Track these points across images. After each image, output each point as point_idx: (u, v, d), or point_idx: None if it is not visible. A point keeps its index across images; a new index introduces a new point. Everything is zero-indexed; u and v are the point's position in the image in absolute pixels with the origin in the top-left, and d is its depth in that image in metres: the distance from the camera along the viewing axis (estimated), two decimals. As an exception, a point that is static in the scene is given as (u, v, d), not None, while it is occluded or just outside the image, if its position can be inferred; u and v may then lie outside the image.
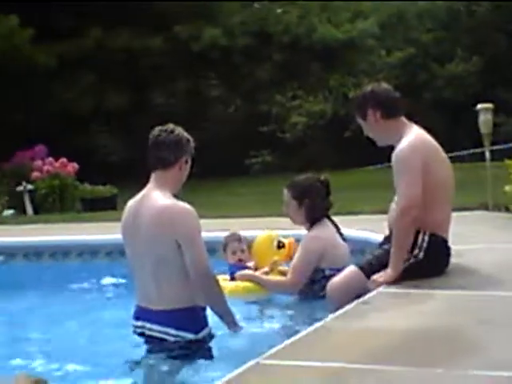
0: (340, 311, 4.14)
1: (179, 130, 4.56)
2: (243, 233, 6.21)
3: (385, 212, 5.24)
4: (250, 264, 5.97)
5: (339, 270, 5.18)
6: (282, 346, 3.48)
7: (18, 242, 9.76)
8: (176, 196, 4.54)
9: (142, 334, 4.48)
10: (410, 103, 22.26)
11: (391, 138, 4.82)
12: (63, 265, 8.98)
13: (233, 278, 5.84)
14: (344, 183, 19.44)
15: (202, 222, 4.62)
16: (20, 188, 15.34)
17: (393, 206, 4.90)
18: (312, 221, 5.64)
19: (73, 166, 15.55)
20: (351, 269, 4.94)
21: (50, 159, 15.70)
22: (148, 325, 4.42)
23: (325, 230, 5.63)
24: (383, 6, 32.30)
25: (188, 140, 4.56)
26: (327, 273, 5.44)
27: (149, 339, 4.45)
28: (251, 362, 3.20)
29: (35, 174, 15.40)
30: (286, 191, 5.71)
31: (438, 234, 4.78)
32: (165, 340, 4.37)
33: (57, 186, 15.09)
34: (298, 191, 5.65)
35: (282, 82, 28.68)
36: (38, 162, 15.69)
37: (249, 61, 26.10)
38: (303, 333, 3.72)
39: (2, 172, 16.19)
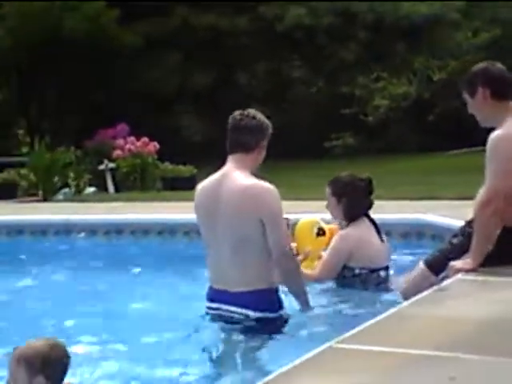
0: (416, 297, 4.05)
1: (260, 115, 4.59)
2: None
3: (468, 198, 5.11)
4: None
5: (372, 271, 5.25)
6: (356, 330, 3.41)
7: (100, 220, 9.92)
8: (256, 176, 4.54)
9: (217, 316, 4.47)
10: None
11: (495, 120, 4.54)
12: (143, 242, 9.10)
13: None
14: (426, 167, 19.21)
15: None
16: (102, 166, 15.56)
17: (480, 191, 4.75)
18: (349, 218, 5.61)
19: (154, 145, 15.68)
20: (420, 270, 4.82)
21: (132, 138, 15.86)
22: (225, 306, 4.43)
23: (359, 228, 5.57)
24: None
25: (267, 125, 4.59)
26: (357, 272, 5.43)
27: (225, 320, 4.44)
28: (325, 346, 3.15)
29: (117, 153, 15.60)
30: (327, 187, 5.71)
31: None
32: (243, 320, 4.38)
33: (138, 165, 15.26)
34: (337, 188, 5.64)
35: (366, 64, 28.35)
36: (120, 141, 15.88)
37: (332, 41, 25.85)
38: (377, 318, 3.63)
39: (85, 150, 16.45)
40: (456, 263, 4.52)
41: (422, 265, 4.85)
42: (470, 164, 19.09)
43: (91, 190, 15.14)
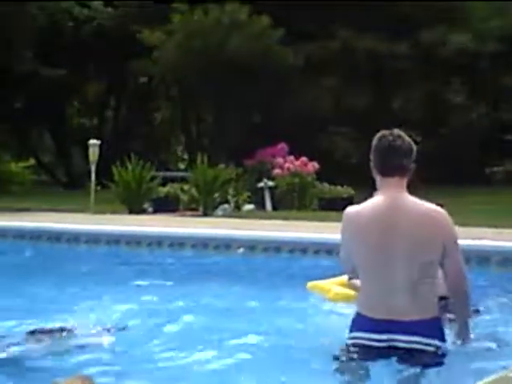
0: None
1: (408, 138, 4.44)
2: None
3: None
4: None
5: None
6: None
7: (258, 236, 10.07)
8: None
9: (385, 348, 4.26)
10: None
11: None
12: (302, 261, 9.13)
13: None
14: None
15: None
16: (261, 184, 15.79)
17: None
18: None
19: (313, 165, 15.78)
20: None
21: (291, 157, 16.04)
22: (398, 337, 4.23)
23: None
24: None
25: (414, 147, 4.46)
26: None
27: (397, 351, 4.24)
28: (501, 374, 3.09)
29: (276, 172, 15.80)
30: None
31: None
32: (420, 350, 4.22)
33: (297, 184, 15.40)
34: None
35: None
36: (280, 160, 16.07)
37: (496, 67, 25.25)
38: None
39: (245, 168, 16.72)
40: None
41: None
42: None
43: (250, 206, 15.39)
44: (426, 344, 4.23)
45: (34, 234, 10.92)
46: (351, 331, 4.40)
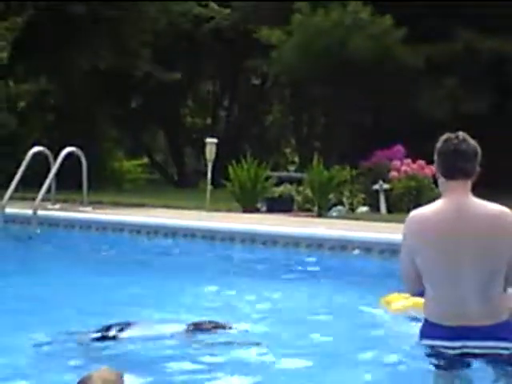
0: None
1: (473, 141, 4.40)
2: None
3: None
4: None
5: None
6: None
7: (374, 238, 9.94)
8: None
9: (458, 355, 4.20)
10: None
11: None
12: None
13: None
14: None
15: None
16: (376, 186, 15.59)
17: None
18: None
19: (431, 169, 15.46)
20: None
21: (408, 160, 15.78)
22: (472, 343, 4.17)
23: None
24: None
25: (480, 151, 4.42)
26: None
27: (472, 358, 4.19)
28: None
29: (393, 174, 15.58)
30: None
31: None
32: (501, 355, 4.16)
33: (413, 187, 15.12)
34: None
35: None
36: (396, 163, 15.84)
37: None
38: None
39: (360, 170, 16.56)
40: None
41: None
42: None
43: (364, 209, 15.23)
44: (502, 348, 4.18)
45: (151, 229, 11.06)
46: (421, 339, 4.35)
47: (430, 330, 4.32)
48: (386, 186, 15.42)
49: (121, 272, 8.24)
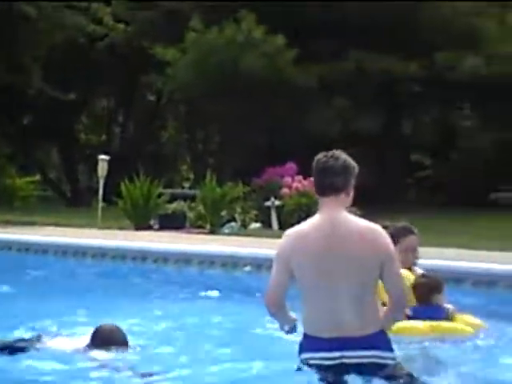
0: None
1: (345, 156, 4.53)
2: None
3: None
4: None
5: None
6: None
7: (264, 254, 10.02)
8: None
9: (337, 365, 4.31)
10: None
11: None
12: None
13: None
14: None
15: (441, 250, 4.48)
16: (268, 203, 15.74)
17: None
18: None
19: (321, 186, 15.74)
20: None
21: (299, 177, 15.99)
22: (349, 353, 4.30)
23: None
24: None
25: (354, 166, 4.53)
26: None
27: (353, 368, 4.31)
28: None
29: (284, 191, 15.76)
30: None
31: None
32: (378, 364, 4.31)
33: (304, 204, 15.32)
34: None
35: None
36: (288, 179, 16.03)
37: (508, 91, 25.15)
38: None
39: (253, 187, 16.69)
40: None
41: None
42: None
43: (256, 225, 15.35)
44: (378, 357, 4.33)
45: (40, 248, 10.90)
46: (301, 353, 4.44)
47: (308, 343, 4.42)
48: (277, 202, 15.59)
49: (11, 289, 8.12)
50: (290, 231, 4.52)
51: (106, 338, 5.04)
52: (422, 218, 12.06)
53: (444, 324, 5.73)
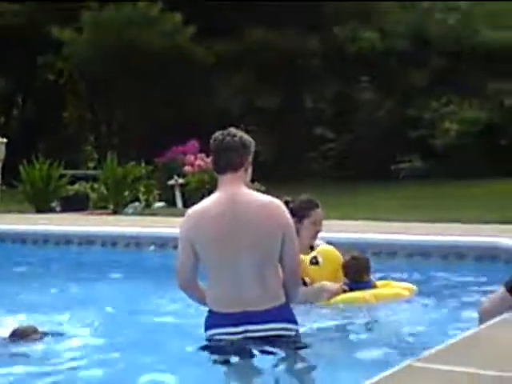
0: (496, 319, 3.99)
1: (241, 133, 4.63)
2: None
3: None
4: None
5: None
6: (436, 349, 3.38)
7: (168, 233, 10.01)
8: None
9: (242, 339, 4.38)
10: None
11: None
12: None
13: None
14: (498, 192, 18.93)
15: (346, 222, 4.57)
16: (171, 182, 15.69)
17: None
18: None
19: (224, 162, 15.77)
20: (499, 292, 4.75)
21: (202, 155, 15.98)
22: (253, 327, 4.37)
23: None
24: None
25: (250, 142, 4.63)
26: None
27: (255, 341, 4.38)
28: (403, 364, 3.12)
29: (187, 169, 15.74)
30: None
31: None
32: (278, 336, 4.39)
33: (207, 181, 15.34)
34: None
35: (438, 88, 28.07)
36: (190, 157, 16.01)
37: (404, 65, 25.67)
38: (458, 338, 3.60)
39: (155, 166, 16.62)
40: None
41: (501, 287, 4.77)
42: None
43: (160, 204, 15.29)
44: (282, 329, 4.41)
45: None
46: (206, 330, 4.50)
47: (213, 319, 4.47)
48: (180, 180, 15.56)
49: None
50: (190, 210, 4.59)
51: (20, 333, 4.98)
52: (325, 191, 12.23)
53: (384, 291, 6.00)
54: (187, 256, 4.50)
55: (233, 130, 4.65)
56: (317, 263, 5.93)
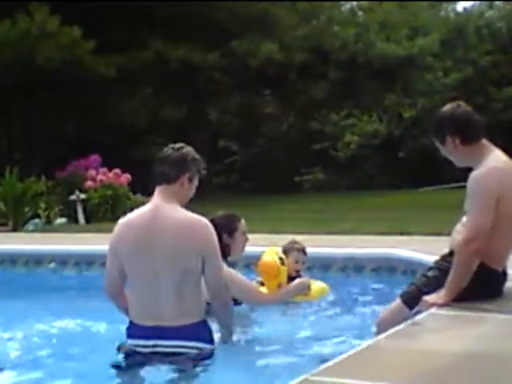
0: (391, 331, 4.08)
1: (187, 149, 4.65)
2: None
3: (438, 234, 5.16)
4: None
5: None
6: (332, 362, 3.43)
7: (70, 250, 9.86)
8: (187, 209, 4.60)
9: (151, 353, 4.42)
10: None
11: (471, 161, 4.63)
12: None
13: None
14: (397, 203, 19.36)
15: (253, 236, 4.61)
16: (73, 197, 15.46)
17: (457, 227, 4.77)
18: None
19: (126, 177, 15.64)
20: (395, 303, 4.86)
21: (104, 169, 15.83)
22: (164, 342, 4.40)
23: None
24: (441, 23, 31.87)
25: (194, 159, 4.63)
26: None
27: (163, 356, 4.40)
28: (300, 378, 3.16)
29: (88, 184, 15.53)
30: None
31: (493, 267, 4.62)
32: (181, 353, 4.39)
33: (109, 196, 15.18)
34: None
35: (337, 101, 28.56)
36: (92, 172, 15.82)
37: (304, 78, 26.00)
38: (353, 351, 3.67)
39: (56, 181, 16.36)
40: (429, 298, 4.56)
41: (398, 298, 4.88)
42: (439, 201, 19.35)
43: (62, 220, 15.04)
44: (188, 347, 4.41)
45: None
46: (126, 339, 4.55)
47: (130, 330, 4.52)
48: (82, 196, 15.35)
49: None
50: (120, 219, 4.62)
51: None
52: (229, 204, 12.26)
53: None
54: (112, 265, 4.54)
55: (182, 145, 4.67)
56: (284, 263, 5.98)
